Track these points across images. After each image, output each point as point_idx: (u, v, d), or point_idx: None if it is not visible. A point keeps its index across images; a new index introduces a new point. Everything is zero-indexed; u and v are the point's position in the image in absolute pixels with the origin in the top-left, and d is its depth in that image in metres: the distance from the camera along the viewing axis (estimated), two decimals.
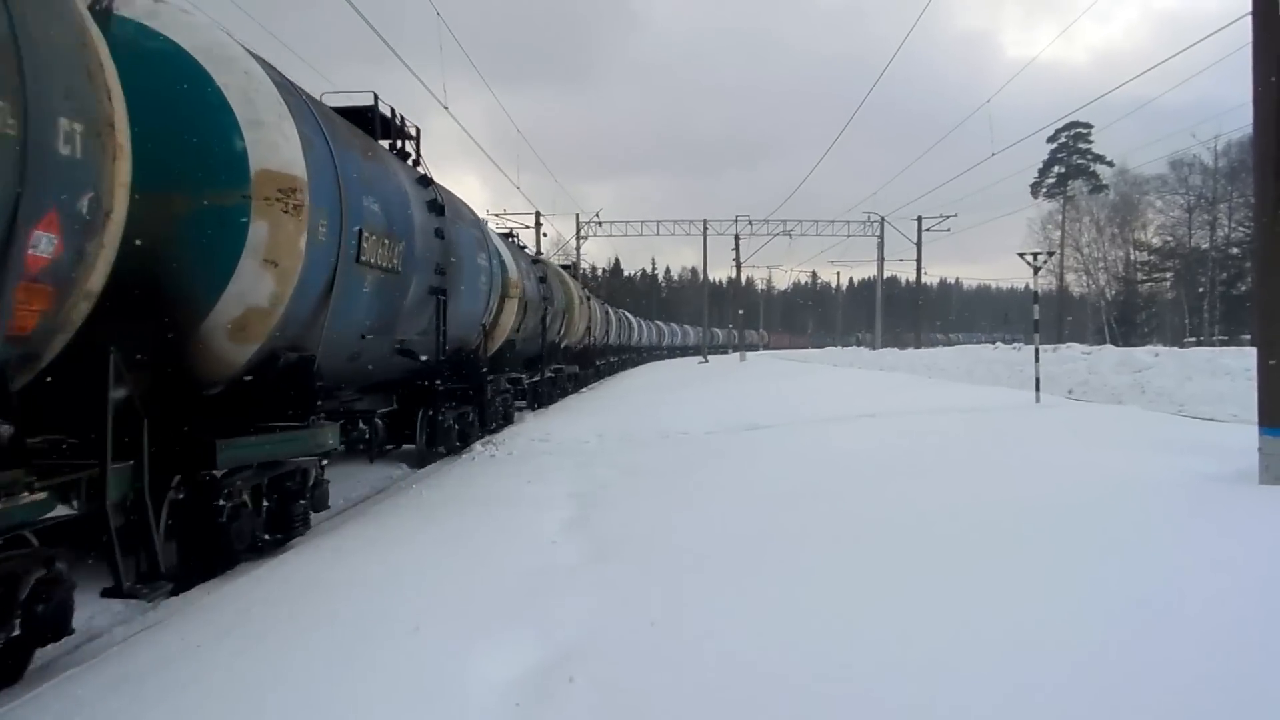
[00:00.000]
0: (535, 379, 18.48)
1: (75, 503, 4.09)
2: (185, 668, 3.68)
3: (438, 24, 16.84)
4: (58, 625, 4.00)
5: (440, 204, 9.81)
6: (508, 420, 15.00)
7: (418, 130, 10.06)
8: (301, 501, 6.67)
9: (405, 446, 10.70)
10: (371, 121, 8.94)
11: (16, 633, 3.79)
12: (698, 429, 12.04)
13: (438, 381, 10.43)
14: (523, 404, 17.50)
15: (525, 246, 22.18)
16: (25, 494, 3.69)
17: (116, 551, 4.34)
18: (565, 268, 27.77)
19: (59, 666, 4.03)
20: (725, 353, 70.91)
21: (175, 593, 5.10)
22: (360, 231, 7.06)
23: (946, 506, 5.81)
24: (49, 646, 4.20)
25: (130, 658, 3.95)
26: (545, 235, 39.96)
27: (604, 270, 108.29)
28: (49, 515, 3.91)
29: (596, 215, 48.60)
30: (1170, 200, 59.74)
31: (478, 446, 11.78)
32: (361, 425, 8.86)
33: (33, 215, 3.48)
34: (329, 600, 4.55)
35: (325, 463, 7.06)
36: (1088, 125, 66.17)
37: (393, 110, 9.43)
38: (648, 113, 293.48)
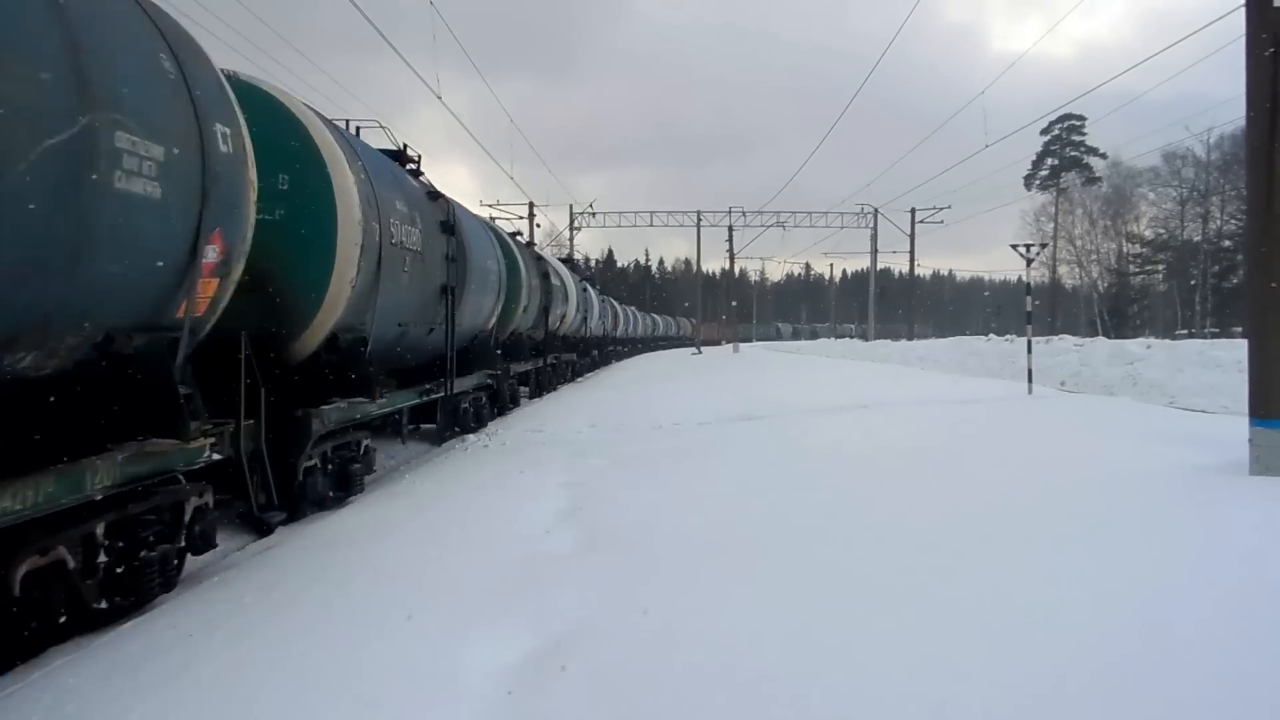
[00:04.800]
0: None
1: (220, 450, 5.36)
2: (178, 656, 3.67)
3: (430, 13, 16.74)
4: (207, 540, 5.28)
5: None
6: None
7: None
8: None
9: None
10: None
11: (181, 543, 5.03)
12: (690, 420, 12.05)
13: None
14: None
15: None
16: (200, 440, 4.92)
17: (250, 486, 5.98)
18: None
19: (51, 655, 4.02)
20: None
21: (285, 522, 6.59)
22: None
23: (945, 495, 5.84)
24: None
25: (122, 646, 3.95)
26: (539, 226, 39.84)
27: (598, 261, 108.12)
28: (205, 458, 5.16)
29: (590, 206, 48.47)
30: (1163, 193, 59.97)
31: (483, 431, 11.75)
32: None
33: None
34: (321, 589, 4.55)
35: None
36: (1081, 118, 66.25)
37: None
38: (636, 103, 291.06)
